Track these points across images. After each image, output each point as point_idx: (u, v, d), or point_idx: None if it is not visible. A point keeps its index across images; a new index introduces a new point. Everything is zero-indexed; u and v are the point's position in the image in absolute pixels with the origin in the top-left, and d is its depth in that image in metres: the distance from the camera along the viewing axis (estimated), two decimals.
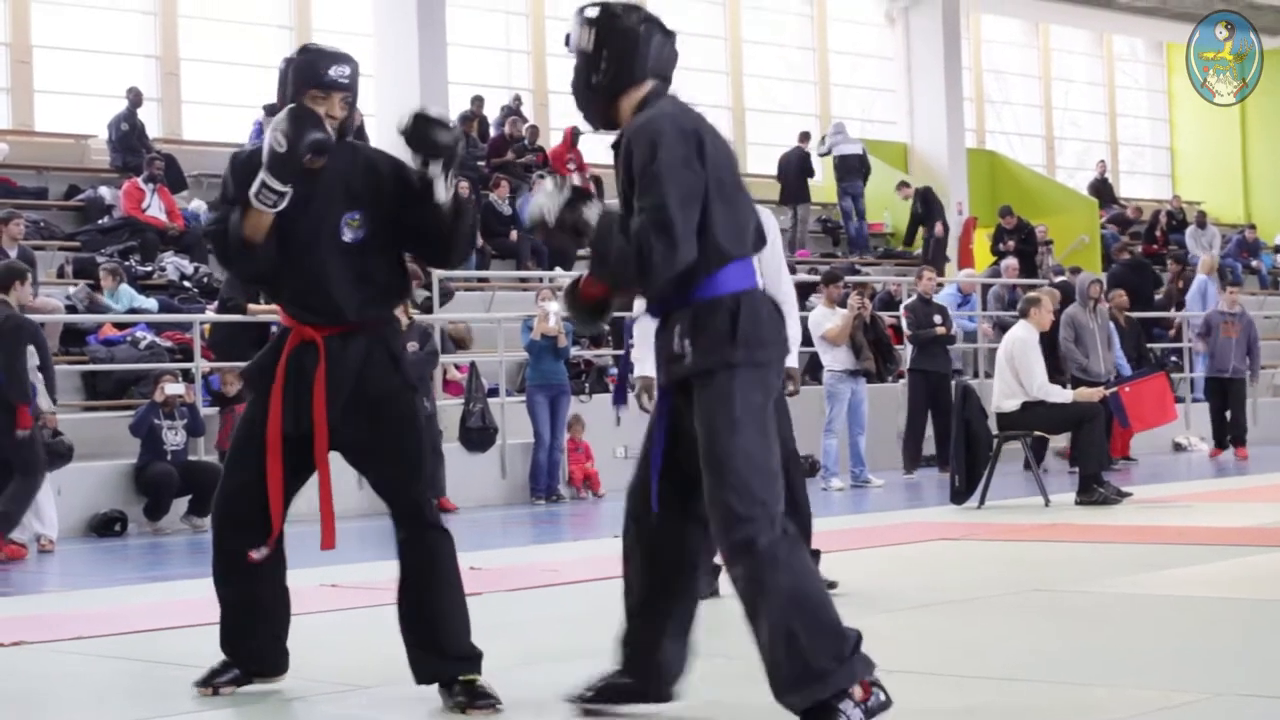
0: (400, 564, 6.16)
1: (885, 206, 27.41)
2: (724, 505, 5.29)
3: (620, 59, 5.65)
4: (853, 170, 26.20)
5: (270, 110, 19.02)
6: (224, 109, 22.94)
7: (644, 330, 8.61)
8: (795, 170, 25.86)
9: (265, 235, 6.03)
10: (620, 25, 5.65)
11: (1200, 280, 24.56)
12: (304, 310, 6.15)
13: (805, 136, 26.33)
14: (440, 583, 6.11)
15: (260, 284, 7.32)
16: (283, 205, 5.94)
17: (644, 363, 8.57)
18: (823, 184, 27.63)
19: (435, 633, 6.06)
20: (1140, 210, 31.52)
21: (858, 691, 5.23)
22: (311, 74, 6.23)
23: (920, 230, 26.44)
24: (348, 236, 6.10)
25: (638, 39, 5.67)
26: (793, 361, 8.81)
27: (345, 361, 6.09)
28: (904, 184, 26.70)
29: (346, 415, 6.15)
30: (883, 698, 5.29)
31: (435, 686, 6.04)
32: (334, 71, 6.26)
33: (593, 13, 5.68)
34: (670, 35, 5.78)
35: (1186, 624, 7.64)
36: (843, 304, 16.96)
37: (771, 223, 9.16)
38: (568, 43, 5.75)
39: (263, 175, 5.93)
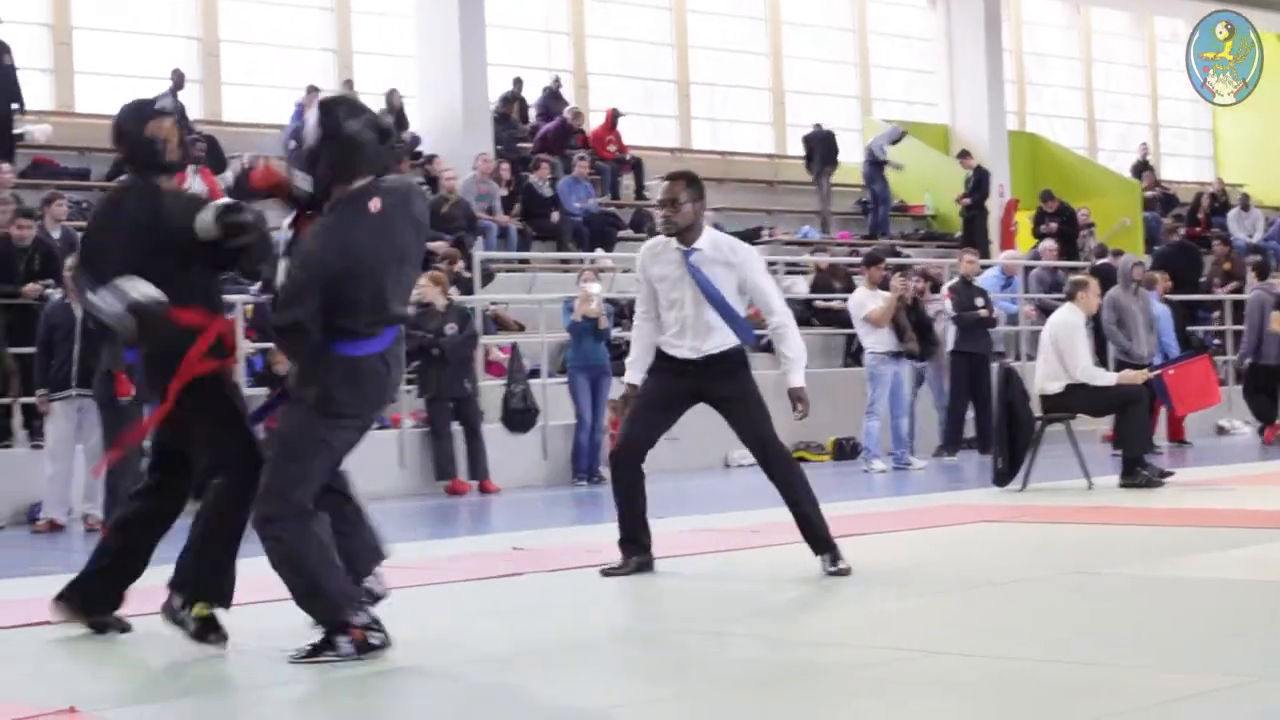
0: None
1: (926, 188, 27.34)
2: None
3: (341, 161, 6.60)
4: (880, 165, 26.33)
5: (313, 89, 19.09)
6: (265, 90, 22.97)
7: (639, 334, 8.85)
8: (822, 149, 25.97)
9: None
10: (345, 132, 6.59)
11: None
12: None
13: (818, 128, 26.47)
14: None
15: None
16: None
17: (633, 369, 9.06)
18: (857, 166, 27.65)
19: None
20: (1165, 189, 31.13)
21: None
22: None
23: (961, 209, 26.38)
24: None
25: (361, 145, 6.61)
26: (798, 381, 8.84)
27: None
28: (965, 154, 26.65)
29: None
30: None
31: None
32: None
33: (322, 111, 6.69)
34: (389, 135, 6.76)
35: (1231, 607, 7.60)
36: (884, 286, 16.91)
37: (749, 251, 9.19)
38: (297, 135, 6.81)
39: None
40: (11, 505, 14.26)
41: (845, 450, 18.66)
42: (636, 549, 9.02)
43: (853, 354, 19.45)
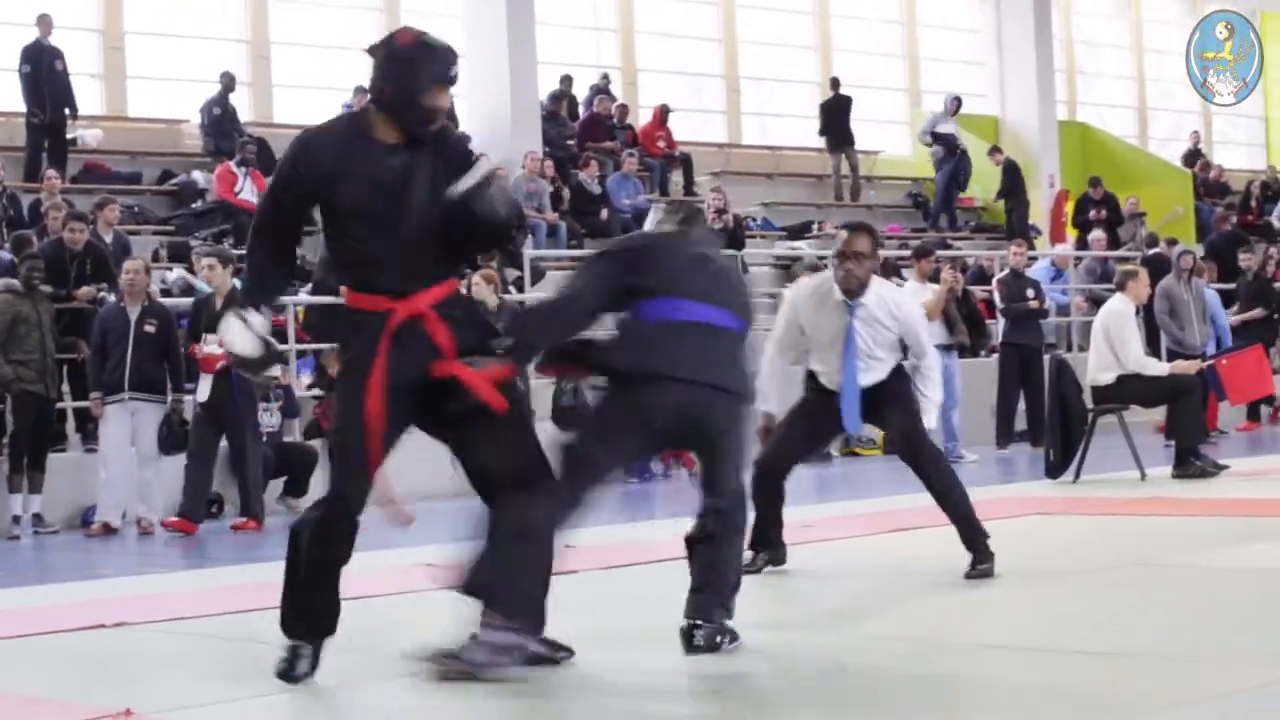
0: None
1: (976, 180, 27.27)
2: None
3: None
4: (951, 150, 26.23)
5: (361, 90, 19.11)
6: (315, 91, 23.04)
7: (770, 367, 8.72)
8: (836, 117, 26.22)
9: None
10: None
11: None
12: None
13: (836, 83, 26.46)
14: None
15: None
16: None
17: (768, 399, 8.79)
18: (914, 159, 27.57)
19: None
20: (1217, 177, 30.91)
21: None
22: (441, 70, 6.27)
23: (1004, 203, 26.32)
24: None
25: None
26: (931, 423, 8.79)
27: None
28: (996, 149, 26.55)
29: None
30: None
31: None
32: (453, 71, 6.31)
33: None
34: None
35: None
36: (934, 278, 16.87)
37: (912, 308, 9.14)
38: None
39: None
40: (66, 509, 14.33)
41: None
42: (764, 545, 9.05)
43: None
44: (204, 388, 13.49)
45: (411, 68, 6.19)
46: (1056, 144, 28.20)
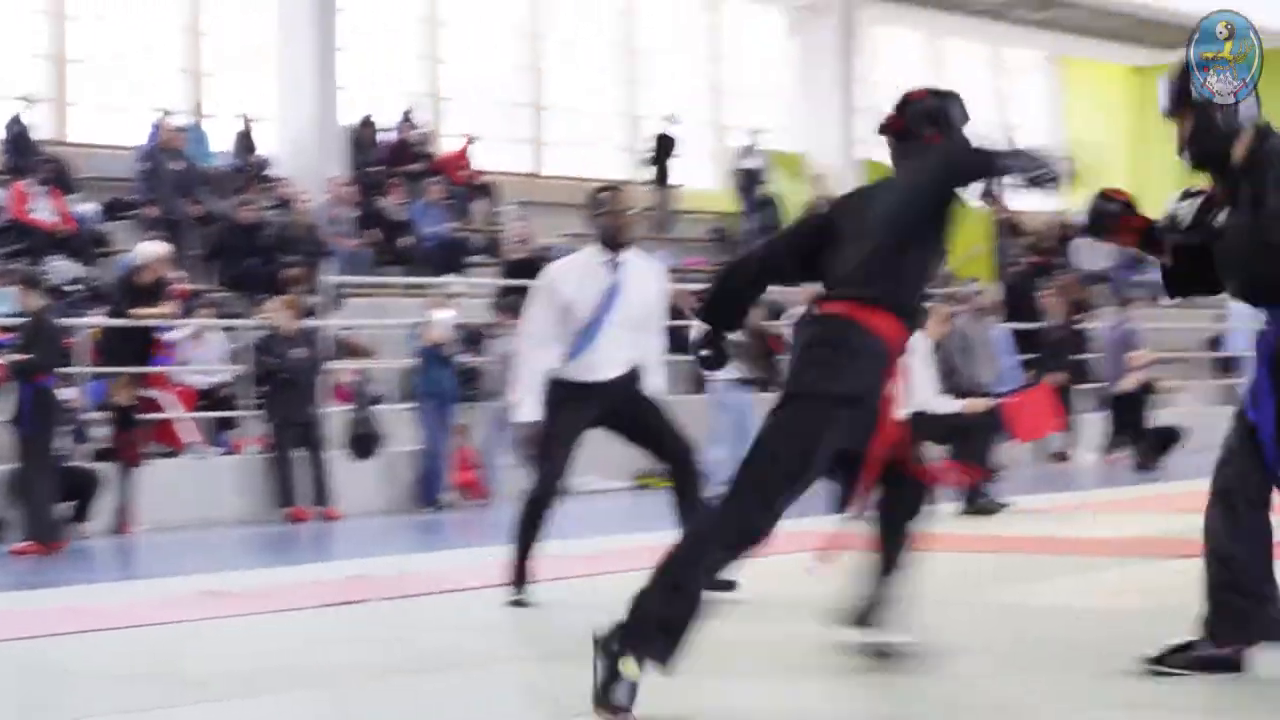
0: None
1: (786, 217, 27.47)
2: None
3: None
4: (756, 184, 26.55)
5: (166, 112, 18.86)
6: (115, 111, 22.73)
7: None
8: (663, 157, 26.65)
9: None
10: None
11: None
12: None
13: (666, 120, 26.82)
14: None
15: None
16: None
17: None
18: (719, 193, 27.75)
19: None
20: (1014, 217, 31.44)
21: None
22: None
23: None
24: None
25: None
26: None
27: None
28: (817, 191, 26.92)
29: None
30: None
31: None
32: None
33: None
34: None
35: (1065, 631, 7.66)
36: None
37: (656, 269, 9.22)
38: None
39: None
40: None
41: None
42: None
43: (696, 382, 19.45)
44: None
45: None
46: (864, 182, 28.44)
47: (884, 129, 6.70)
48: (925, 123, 6.59)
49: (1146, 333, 22.55)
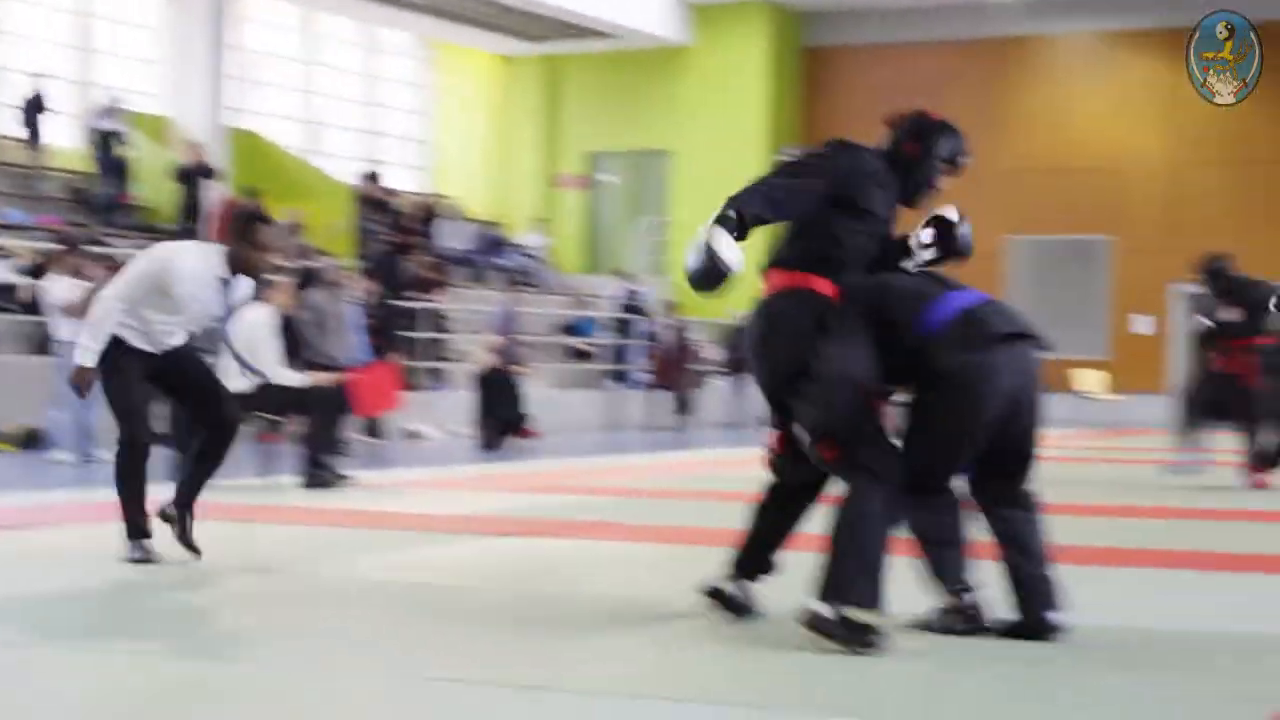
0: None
1: (145, 180, 27.01)
2: None
3: None
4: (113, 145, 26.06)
5: None
6: None
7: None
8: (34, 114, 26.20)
9: None
10: None
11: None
12: None
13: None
14: None
15: None
16: None
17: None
18: (80, 151, 27.07)
19: None
20: (381, 196, 31.74)
21: None
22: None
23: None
24: None
25: None
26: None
27: None
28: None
29: None
30: None
31: None
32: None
33: None
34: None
35: (400, 609, 7.72)
36: (79, 274, 16.63)
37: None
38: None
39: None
40: None
41: (34, 441, 18.20)
42: None
43: (40, 345, 18.97)
44: None
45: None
46: (228, 151, 28.23)
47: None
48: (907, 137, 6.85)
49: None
